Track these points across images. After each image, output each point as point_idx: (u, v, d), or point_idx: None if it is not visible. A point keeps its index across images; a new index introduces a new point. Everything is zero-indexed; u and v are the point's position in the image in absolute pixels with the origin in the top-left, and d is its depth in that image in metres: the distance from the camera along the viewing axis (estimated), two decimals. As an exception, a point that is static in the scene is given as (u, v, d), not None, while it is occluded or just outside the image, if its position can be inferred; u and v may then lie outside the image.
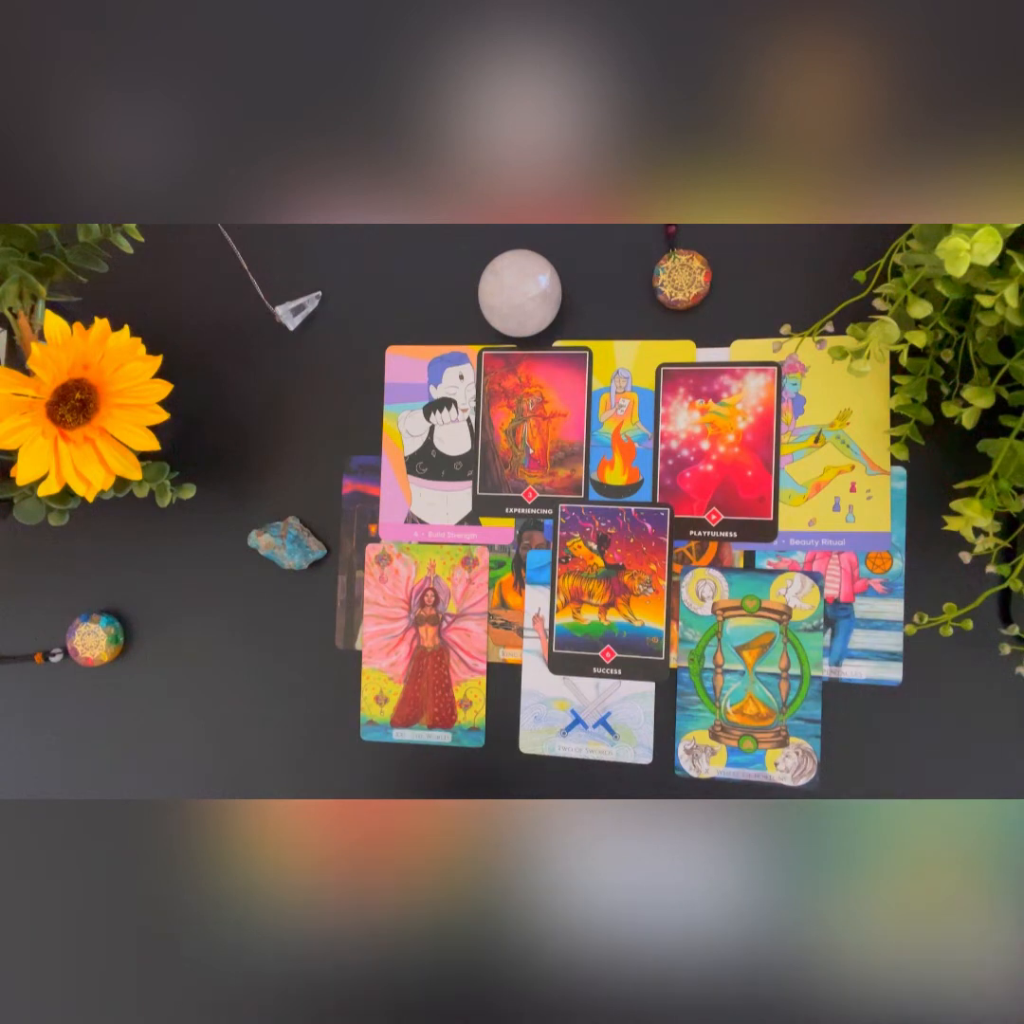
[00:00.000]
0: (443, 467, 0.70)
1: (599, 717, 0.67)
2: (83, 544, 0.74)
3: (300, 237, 0.72)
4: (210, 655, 0.72)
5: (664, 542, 0.66)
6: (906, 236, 0.54)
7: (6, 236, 0.56)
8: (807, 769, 0.64)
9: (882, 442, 0.64)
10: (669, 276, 0.65)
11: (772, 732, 0.65)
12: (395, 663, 0.70)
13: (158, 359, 0.58)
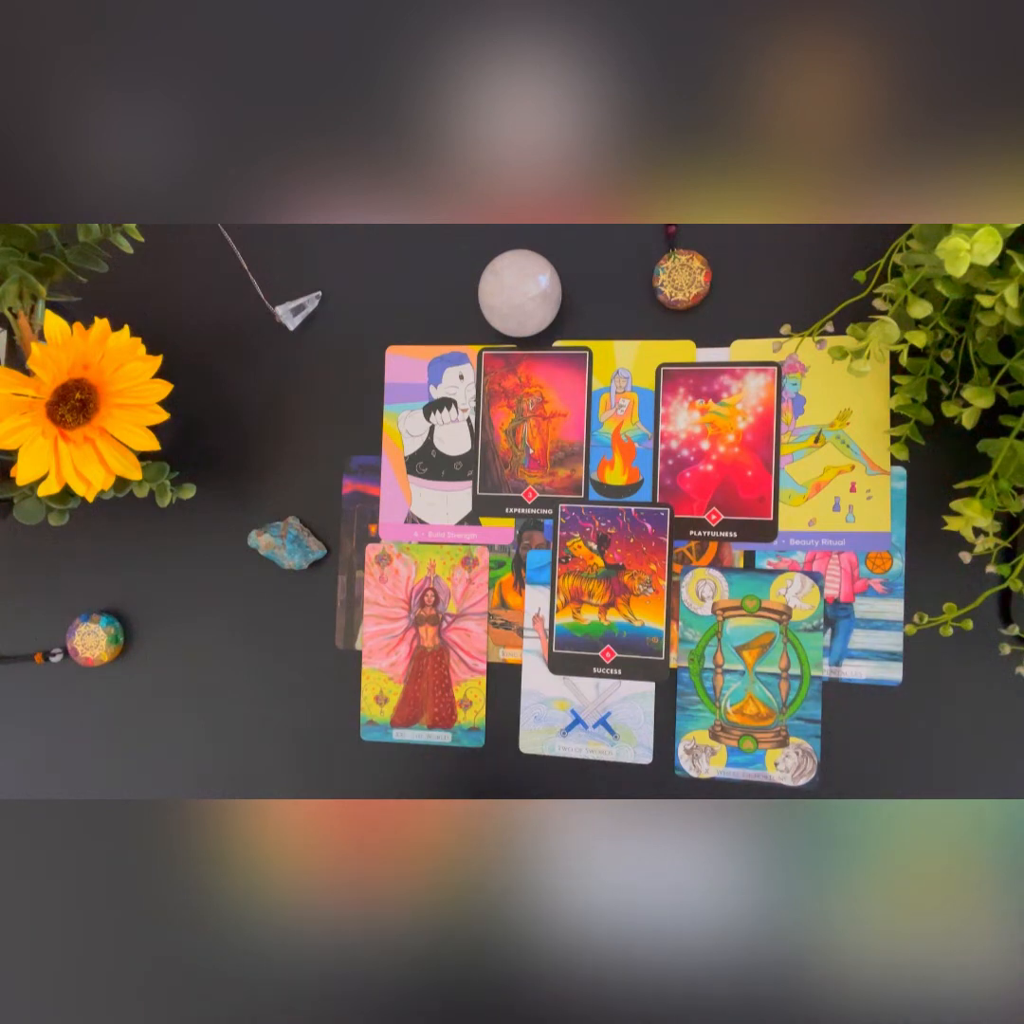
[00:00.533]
0: (443, 467, 0.70)
1: (599, 717, 0.67)
2: (83, 544, 0.74)
3: (300, 237, 0.72)
4: (210, 655, 0.72)
5: (664, 542, 0.66)
6: (906, 236, 0.54)
7: (6, 236, 0.56)
8: (807, 769, 0.64)
9: (882, 442, 0.64)
10: (669, 276, 0.65)
11: (772, 732, 0.65)
12: (395, 663, 0.70)
13: (158, 359, 0.58)
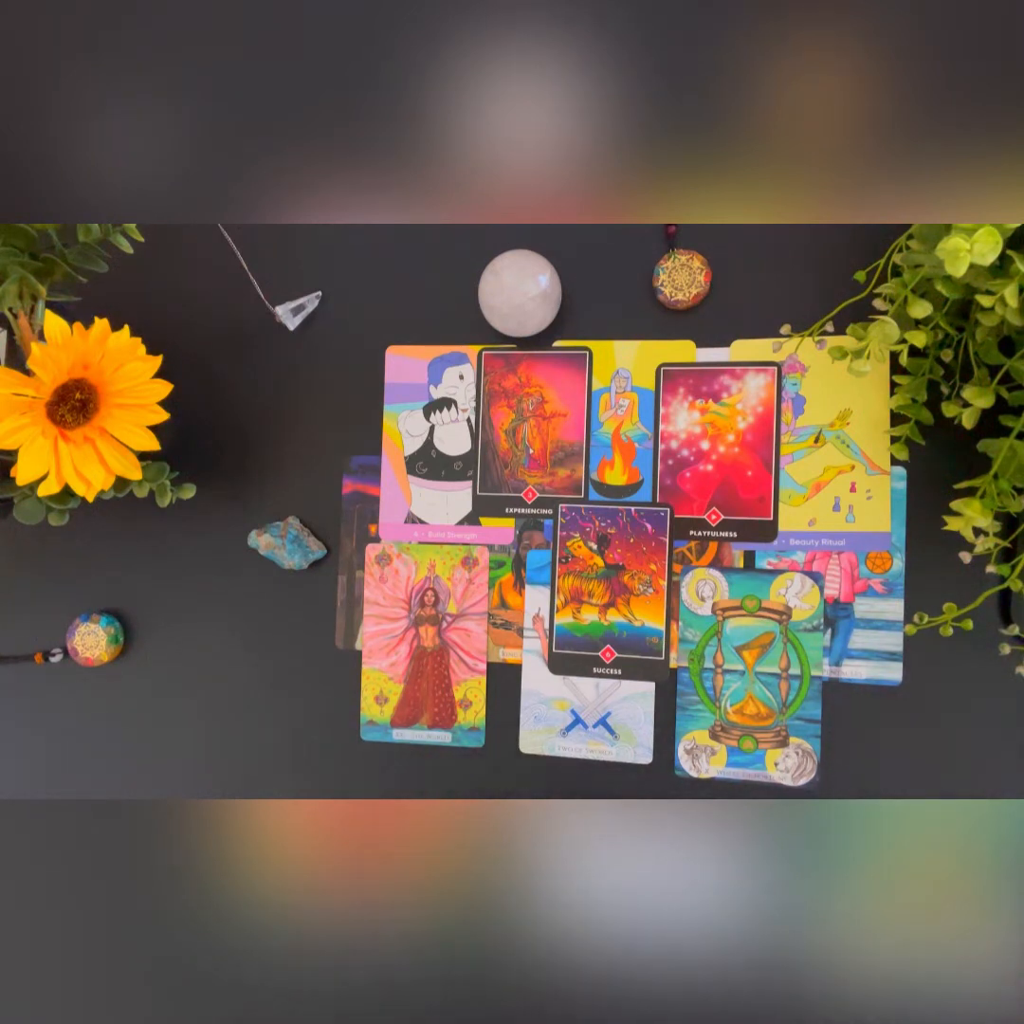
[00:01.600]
0: (443, 467, 0.70)
1: (599, 717, 0.67)
2: (83, 544, 0.74)
3: (300, 237, 0.72)
4: (210, 655, 0.72)
5: (664, 542, 0.66)
6: (906, 236, 0.54)
7: (6, 236, 0.56)
8: (807, 769, 0.64)
9: (882, 442, 0.64)
10: (669, 276, 0.65)
11: (772, 732, 0.65)
12: (395, 663, 0.70)
13: (158, 359, 0.58)
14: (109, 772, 0.73)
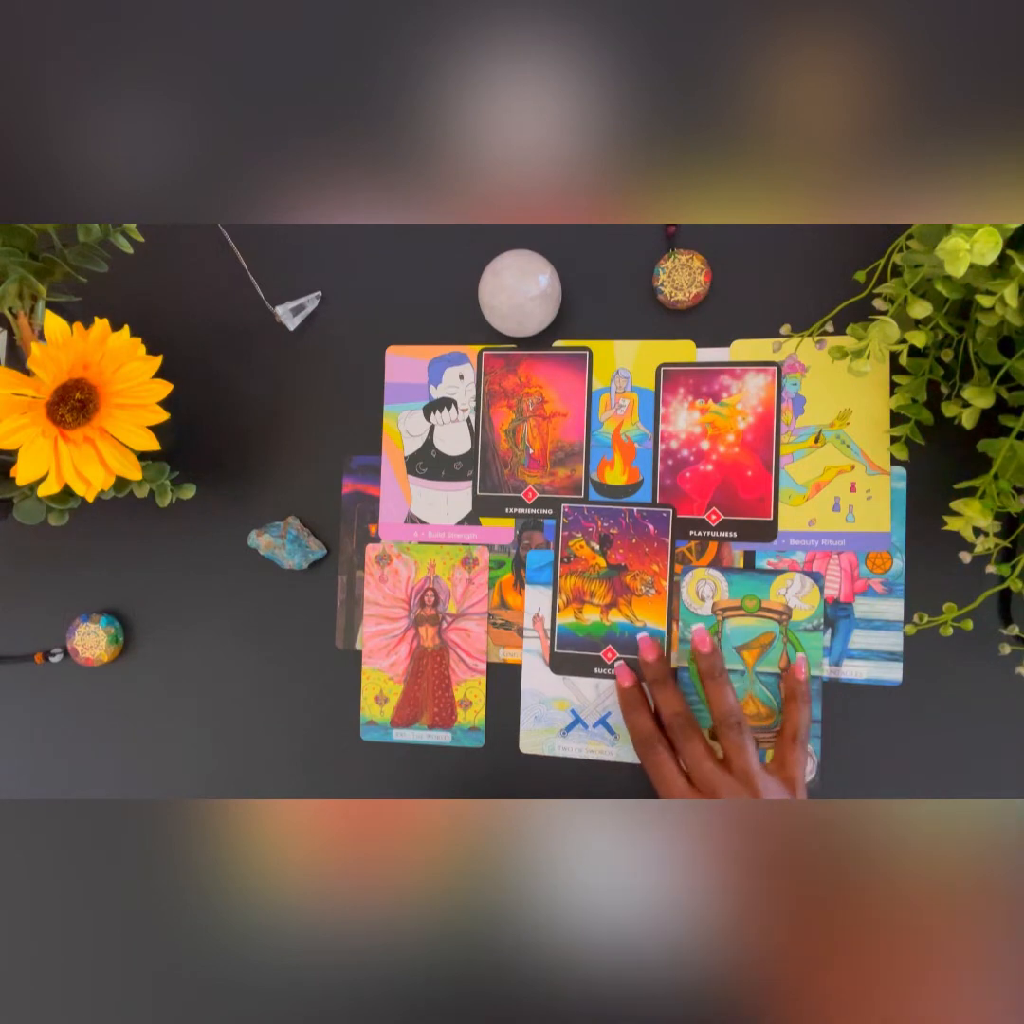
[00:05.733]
0: (443, 467, 0.70)
1: (599, 717, 0.67)
2: (83, 544, 0.74)
3: (300, 237, 0.72)
4: (210, 655, 0.72)
5: (666, 543, 0.66)
6: (906, 236, 0.54)
7: (6, 236, 0.56)
8: (807, 769, 0.64)
9: (882, 442, 0.64)
10: (669, 276, 0.65)
11: (772, 732, 0.65)
12: (395, 663, 0.70)
13: (158, 359, 0.58)
14: (109, 772, 0.73)
